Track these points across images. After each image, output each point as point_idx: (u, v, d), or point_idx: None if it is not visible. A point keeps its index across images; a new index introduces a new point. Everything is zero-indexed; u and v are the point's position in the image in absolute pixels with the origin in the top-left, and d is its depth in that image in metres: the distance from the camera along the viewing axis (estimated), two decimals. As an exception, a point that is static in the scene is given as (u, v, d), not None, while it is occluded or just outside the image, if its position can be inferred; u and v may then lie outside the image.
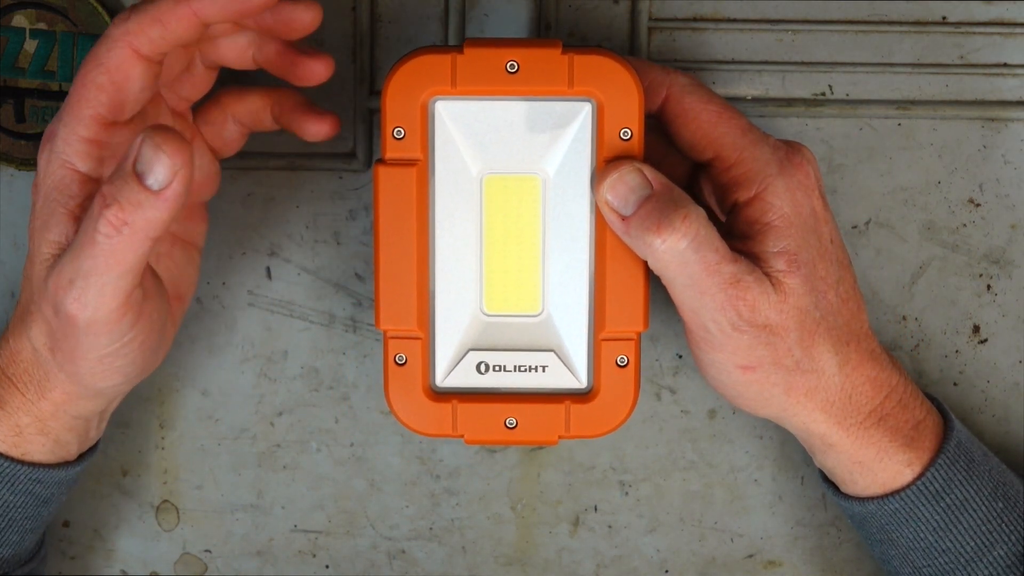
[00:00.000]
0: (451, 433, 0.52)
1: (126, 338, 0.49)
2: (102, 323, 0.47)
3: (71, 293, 0.46)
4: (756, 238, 0.50)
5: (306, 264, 0.60)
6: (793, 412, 0.52)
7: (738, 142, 0.51)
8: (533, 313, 0.52)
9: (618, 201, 0.49)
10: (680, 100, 0.51)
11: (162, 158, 0.44)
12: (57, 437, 0.53)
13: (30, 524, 0.55)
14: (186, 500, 0.62)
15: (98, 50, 0.48)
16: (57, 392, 0.51)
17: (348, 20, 0.58)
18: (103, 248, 0.45)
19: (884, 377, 0.53)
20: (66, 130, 0.48)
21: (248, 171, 0.59)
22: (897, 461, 0.53)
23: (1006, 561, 0.54)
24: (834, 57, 0.58)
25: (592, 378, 0.52)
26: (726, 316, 0.49)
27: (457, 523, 0.62)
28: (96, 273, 0.46)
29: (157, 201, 0.45)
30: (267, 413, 0.61)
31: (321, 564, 0.63)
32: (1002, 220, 0.60)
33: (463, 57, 0.49)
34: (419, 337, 0.51)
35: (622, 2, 0.58)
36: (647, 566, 0.62)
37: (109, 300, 0.47)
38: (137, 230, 0.45)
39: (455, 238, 0.51)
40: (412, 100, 0.50)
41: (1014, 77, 0.58)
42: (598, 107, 0.50)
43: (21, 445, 0.53)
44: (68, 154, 0.48)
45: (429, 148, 0.50)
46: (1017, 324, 0.60)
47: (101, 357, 0.49)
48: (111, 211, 0.45)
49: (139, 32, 0.47)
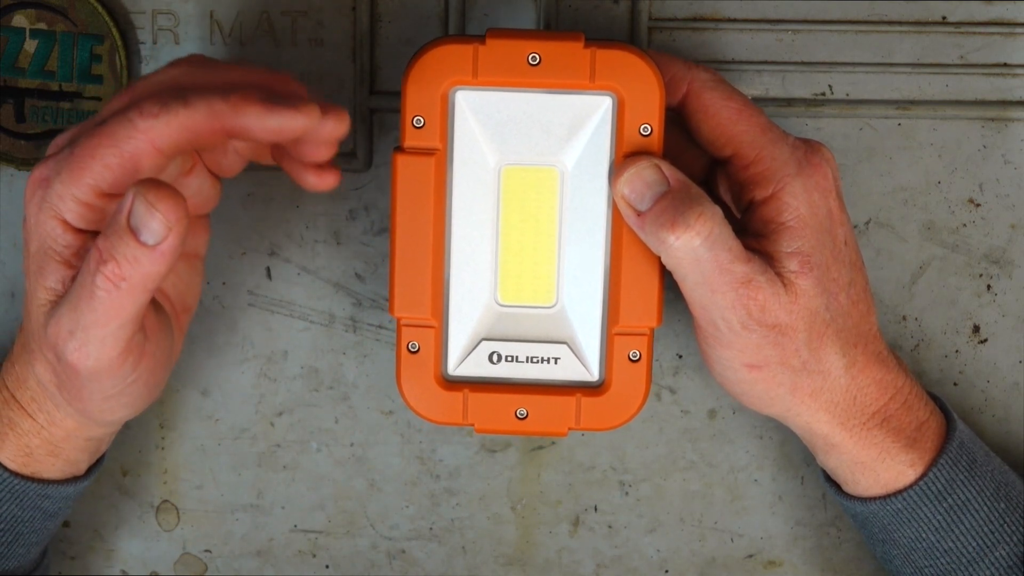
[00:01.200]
0: (461, 422, 0.52)
1: (129, 379, 0.49)
2: (105, 371, 0.47)
3: (71, 344, 0.46)
4: (770, 237, 0.50)
5: (306, 264, 0.60)
6: (797, 412, 0.52)
7: (757, 140, 0.51)
8: (547, 305, 0.52)
9: (634, 196, 0.49)
10: (701, 95, 0.51)
11: (156, 216, 0.44)
12: (68, 457, 0.53)
13: (36, 537, 0.55)
14: (186, 500, 0.62)
15: (116, 131, 0.46)
16: (69, 421, 0.51)
17: (348, 20, 0.58)
18: (102, 302, 0.45)
19: (890, 379, 0.53)
20: (63, 187, 0.47)
21: (248, 171, 0.59)
22: (900, 461, 0.53)
23: (1008, 562, 0.54)
24: (834, 57, 0.58)
25: (604, 371, 0.52)
26: (736, 315, 0.49)
27: (457, 523, 0.62)
28: (96, 326, 0.46)
29: (154, 255, 0.44)
30: (267, 413, 0.61)
31: (321, 564, 0.63)
32: (1002, 220, 0.60)
33: (485, 48, 0.49)
34: (432, 325, 0.51)
35: (622, 2, 0.58)
36: (647, 566, 0.62)
37: (110, 350, 0.46)
38: (135, 284, 0.45)
39: (471, 228, 0.51)
40: (433, 89, 0.49)
41: (1014, 77, 0.58)
42: (619, 102, 0.50)
43: (31, 464, 0.52)
44: (60, 209, 0.47)
45: (448, 138, 0.50)
46: (1017, 324, 0.60)
47: (107, 397, 0.49)
48: (108, 267, 0.44)
49: (164, 136, 0.45)
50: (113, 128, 0.46)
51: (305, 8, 0.58)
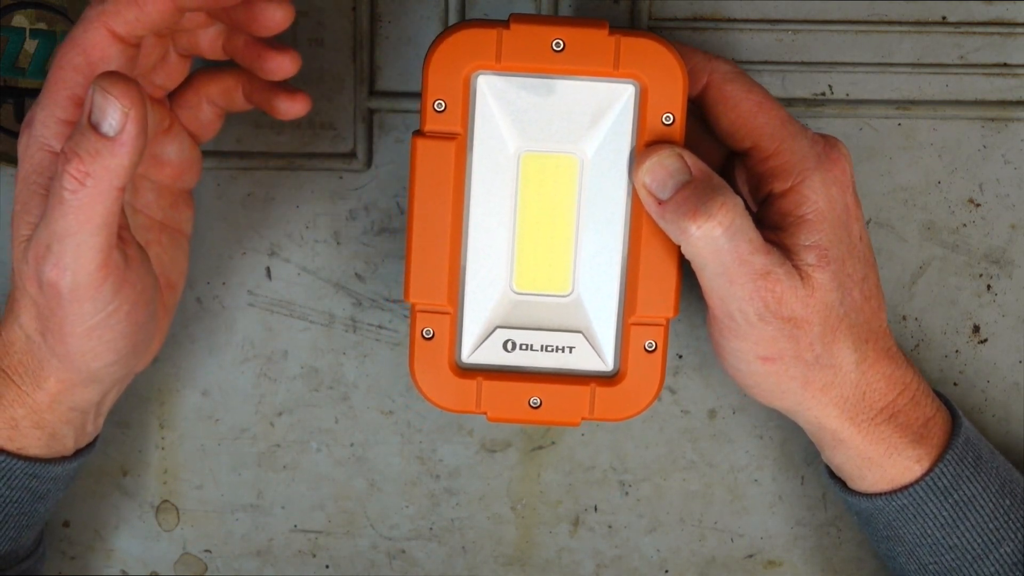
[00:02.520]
0: (474, 410, 0.52)
1: (111, 307, 0.48)
2: (84, 287, 0.47)
3: (49, 260, 0.47)
4: (788, 230, 0.50)
5: (306, 264, 0.60)
6: (808, 406, 0.52)
7: (777, 133, 0.51)
8: (563, 293, 0.52)
9: (656, 184, 0.49)
10: (721, 87, 0.51)
11: (111, 101, 0.45)
12: (53, 431, 0.53)
13: (26, 520, 0.55)
14: (186, 500, 0.62)
15: (75, 32, 0.48)
16: (52, 381, 0.51)
17: (348, 20, 0.58)
18: (71, 205, 0.46)
19: (899, 375, 0.53)
20: (44, 113, 0.48)
21: (248, 171, 0.59)
22: (906, 457, 0.53)
23: (1012, 559, 0.54)
24: (834, 57, 0.58)
25: (619, 361, 0.52)
26: (753, 306, 0.49)
27: (457, 523, 0.62)
28: (69, 233, 0.46)
29: (114, 147, 0.45)
30: (267, 413, 0.61)
31: (321, 564, 0.63)
32: (1002, 220, 0.60)
33: (509, 33, 0.49)
34: (448, 312, 0.51)
35: (622, 2, 0.58)
36: (647, 566, 0.62)
37: (87, 261, 0.47)
38: (100, 180, 0.45)
39: (489, 214, 0.51)
40: (455, 73, 0.49)
41: (1014, 77, 0.58)
42: (642, 90, 0.50)
43: (16, 439, 0.53)
44: (46, 136, 0.48)
45: (469, 122, 0.50)
46: (1017, 324, 0.60)
47: (89, 329, 0.49)
48: (71, 165, 0.45)
49: (115, 13, 0.48)
50: (71, 32, 0.48)
51: (305, 8, 0.58)
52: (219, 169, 0.59)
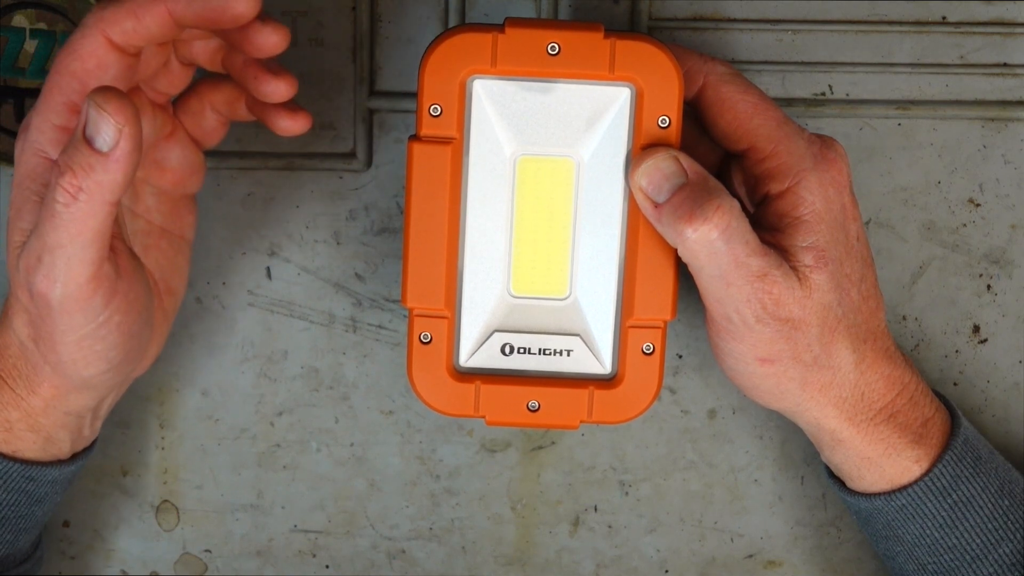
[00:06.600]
0: (472, 414, 0.52)
1: (101, 318, 0.48)
2: (74, 299, 0.47)
3: (40, 270, 0.47)
4: (785, 231, 0.50)
5: (306, 264, 0.60)
6: (806, 407, 0.52)
7: (773, 134, 0.51)
8: (560, 296, 0.52)
9: (652, 187, 0.49)
10: (717, 89, 0.51)
11: (105, 117, 0.45)
12: (49, 434, 0.53)
13: (23, 523, 0.55)
14: (186, 500, 0.62)
15: (73, 38, 0.48)
16: (45, 386, 0.51)
17: (348, 20, 0.58)
18: (63, 218, 0.46)
19: (897, 375, 0.53)
20: (39, 118, 0.48)
21: (248, 171, 0.59)
22: (905, 457, 0.53)
23: (1011, 559, 0.54)
24: (834, 57, 0.58)
25: (617, 364, 0.52)
26: (751, 308, 0.49)
27: (457, 523, 0.62)
28: (60, 245, 0.46)
29: (108, 163, 0.45)
30: (267, 413, 0.61)
31: (321, 564, 0.63)
32: (1002, 220, 0.60)
33: (504, 37, 0.49)
34: (445, 316, 0.51)
35: (622, 2, 0.58)
36: (647, 566, 0.62)
37: (77, 274, 0.47)
38: (93, 194, 0.45)
39: (486, 218, 0.51)
40: (450, 77, 0.49)
41: (1014, 77, 0.58)
42: (637, 93, 0.50)
43: (11, 442, 0.52)
44: (41, 142, 0.48)
45: (465, 126, 0.50)
46: (1017, 324, 0.60)
47: (79, 339, 0.49)
48: (65, 179, 0.45)
49: (113, 22, 0.47)
50: (71, 38, 0.48)
51: (305, 8, 0.58)
52: (219, 169, 0.59)
